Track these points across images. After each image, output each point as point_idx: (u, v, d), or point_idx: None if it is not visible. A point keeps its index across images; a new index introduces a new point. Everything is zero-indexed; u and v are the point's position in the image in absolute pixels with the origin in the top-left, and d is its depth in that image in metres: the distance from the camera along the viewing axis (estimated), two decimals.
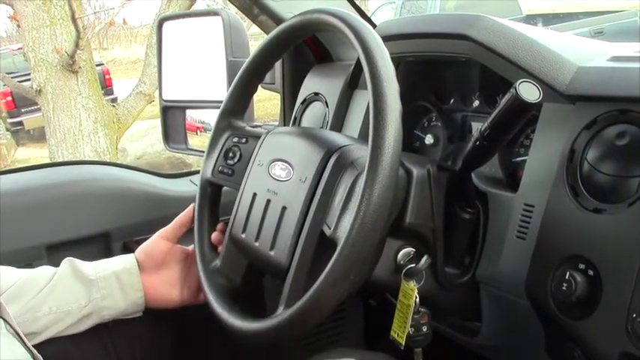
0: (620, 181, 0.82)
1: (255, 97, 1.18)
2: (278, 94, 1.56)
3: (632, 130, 0.83)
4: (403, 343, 0.93)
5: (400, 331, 0.93)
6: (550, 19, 7.81)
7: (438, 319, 1.05)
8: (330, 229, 0.83)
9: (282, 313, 0.83)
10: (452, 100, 1.24)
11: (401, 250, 0.95)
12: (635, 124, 0.82)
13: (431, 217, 0.94)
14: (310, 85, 1.42)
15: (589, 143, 0.87)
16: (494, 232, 0.97)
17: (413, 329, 0.94)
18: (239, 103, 1.10)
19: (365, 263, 0.80)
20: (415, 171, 0.92)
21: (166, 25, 1.51)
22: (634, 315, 0.73)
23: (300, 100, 1.42)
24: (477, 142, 0.90)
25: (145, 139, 6.58)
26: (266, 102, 5.89)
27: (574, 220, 0.85)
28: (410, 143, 1.29)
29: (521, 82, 0.82)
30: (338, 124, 1.31)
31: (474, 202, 0.99)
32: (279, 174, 0.94)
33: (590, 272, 0.81)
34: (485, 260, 0.98)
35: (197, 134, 1.56)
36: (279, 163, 0.95)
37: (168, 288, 1.03)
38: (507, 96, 0.83)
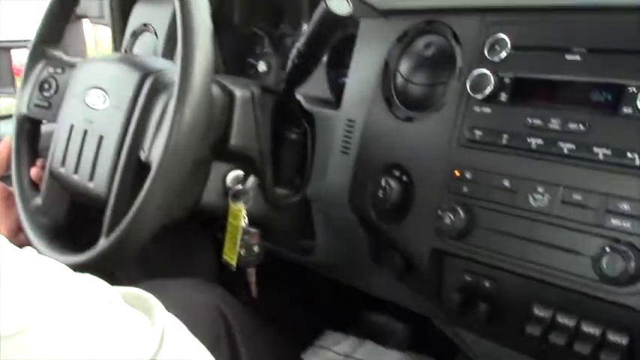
0: (429, 90, 0.86)
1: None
2: None
3: (437, 40, 0.86)
4: (235, 265, 0.94)
5: (231, 253, 0.94)
6: None
7: (273, 240, 1.06)
8: (145, 153, 0.81)
9: (101, 244, 0.80)
10: (282, 26, 1.24)
11: (229, 173, 0.94)
12: (439, 34, 0.86)
13: (256, 139, 0.94)
14: (139, 16, 1.36)
15: (401, 55, 0.89)
16: (321, 151, 0.99)
17: (244, 250, 0.94)
18: (53, 30, 1.03)
19: (183, 185, 0.78)
20: (238, 93, 0.91)
21: None
22: (440, 212, 0.77)
23: (129, 32, 1.36)
24: (295, 61, 0.90)
25: None
26: None
27: (389, 130, 0.88)
28: (244, 71, 1.27)
29: None
30: (169, 54, 1.26)
31: (300, 122, 1.00)
32: (94, 102, 0.90)
33: (404, 178, 0.84)
34: (314, 178, 1.00)
35: None
36: (95, 90, 0.90)
37: None
38: (318, 10, 0.83)
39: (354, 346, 1.61)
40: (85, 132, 0.89)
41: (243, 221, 0.93)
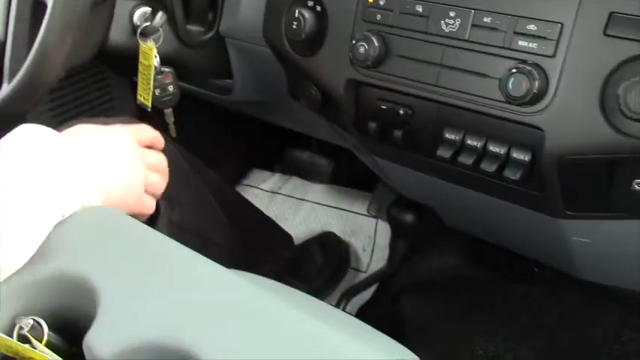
0: None
1: None
2: None
3: None
4: (149, 105, 0.92)
5: (145, 94, 0.91)
6: None
7: (190, 79, 1.04)
8: None
9: (4, 90, 0.77)
10: None
11: (136, 10, 0.90)
12: None
13: None
14: None
15: None
16: None
17: (159, 90, 0.92)
18: None
19: (84, 23, 0.74)
20: None
21: None
22: (353, 42, 0.76)
23: None
24: None
25: None
26: None
27: None
28: None
29: None
30: None
31: None
32: None
33: (318, 8, 0.82)
34: (226, 13, 0.96)
35: None
36: None
37: None
38: None
39: (280, 182, 1.66)
40: None
41: (155, 60, 0.89)
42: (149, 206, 0.73)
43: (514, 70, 0.66)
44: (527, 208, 0.79)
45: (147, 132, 0.74)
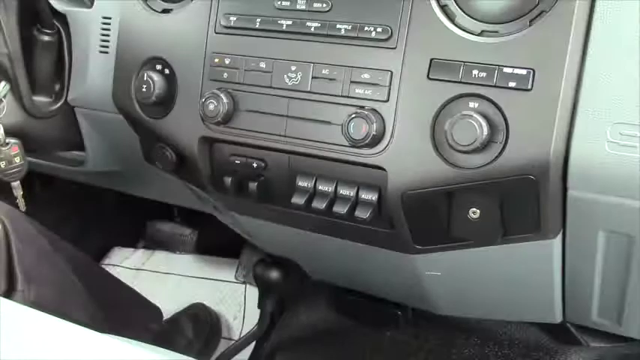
0: None
1: None
2: None
3: None
4: None
5: None
6: None
7: (39, 152, 1.01)
8: None
9: None
10: None
11: None
12: None
13: (3, 42, 0.87)
14: None
15: None
16: (79, 52, 0.94)
17: (5, 163, 0.89)
18: None
19: None
20: None
21: None
22: (203, 100, 0.79)
23: None
24: None
25: None
26: None
27: (147, 24, 0.86)
28: None
29: None
30: None
31: (52, 23, 0.94)
32: None
33: (167, 71, 0.84)
34: (74, 82, 0.95)
35: None
36: None
37: None
38: None
39: (144, 257, 1.62)
40: None
41: None
42: None
43: (353, 115, 0.71)
44: (381, 247, 0.83)
45: None
